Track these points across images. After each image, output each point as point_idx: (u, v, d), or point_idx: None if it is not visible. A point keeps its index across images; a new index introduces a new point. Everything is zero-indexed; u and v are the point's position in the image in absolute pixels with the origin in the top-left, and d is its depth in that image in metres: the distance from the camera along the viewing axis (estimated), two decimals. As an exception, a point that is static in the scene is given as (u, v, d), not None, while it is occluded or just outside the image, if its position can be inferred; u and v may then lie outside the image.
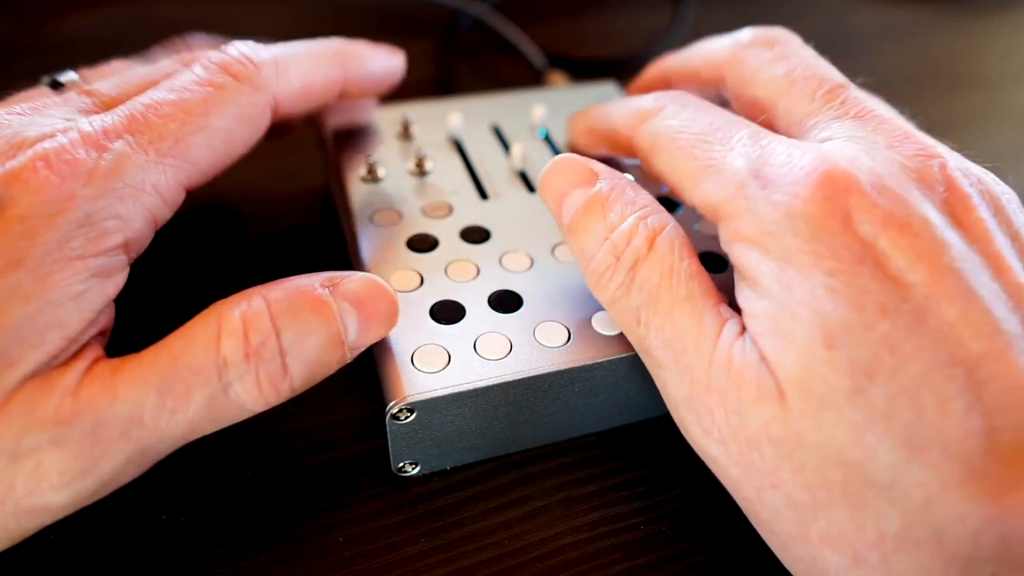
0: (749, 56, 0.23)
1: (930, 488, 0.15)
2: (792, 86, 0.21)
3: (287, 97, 0.22)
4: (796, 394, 0.16)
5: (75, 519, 0.17)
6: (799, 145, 0.18)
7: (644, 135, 0.22)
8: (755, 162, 0.18)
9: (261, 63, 0.22)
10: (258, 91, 0.21)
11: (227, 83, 0.21)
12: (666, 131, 0.21)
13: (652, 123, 0.22)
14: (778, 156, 0.18)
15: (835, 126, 0.19)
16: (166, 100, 0.20)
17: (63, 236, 0.17)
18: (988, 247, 0.17)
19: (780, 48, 0.23)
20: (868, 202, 0.16)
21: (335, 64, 0.24)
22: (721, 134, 0.20)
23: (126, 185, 0.18)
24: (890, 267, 0.16)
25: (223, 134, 0.21)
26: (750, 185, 0.18)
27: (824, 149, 0.18)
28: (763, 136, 0.19)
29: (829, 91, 0.21)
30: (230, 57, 0.22)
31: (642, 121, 0.22)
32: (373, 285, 0.20)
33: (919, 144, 0.18)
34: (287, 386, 0.18)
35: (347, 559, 0.20)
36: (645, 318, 0.19)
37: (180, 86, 0.21)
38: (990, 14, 0.51)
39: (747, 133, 0.19)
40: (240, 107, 0.21)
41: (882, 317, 0.15)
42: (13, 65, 0.38)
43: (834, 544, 0.16)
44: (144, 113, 0.20)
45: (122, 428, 0.17)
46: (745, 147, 0.19)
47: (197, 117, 0.20)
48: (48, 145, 0.18)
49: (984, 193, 0.18)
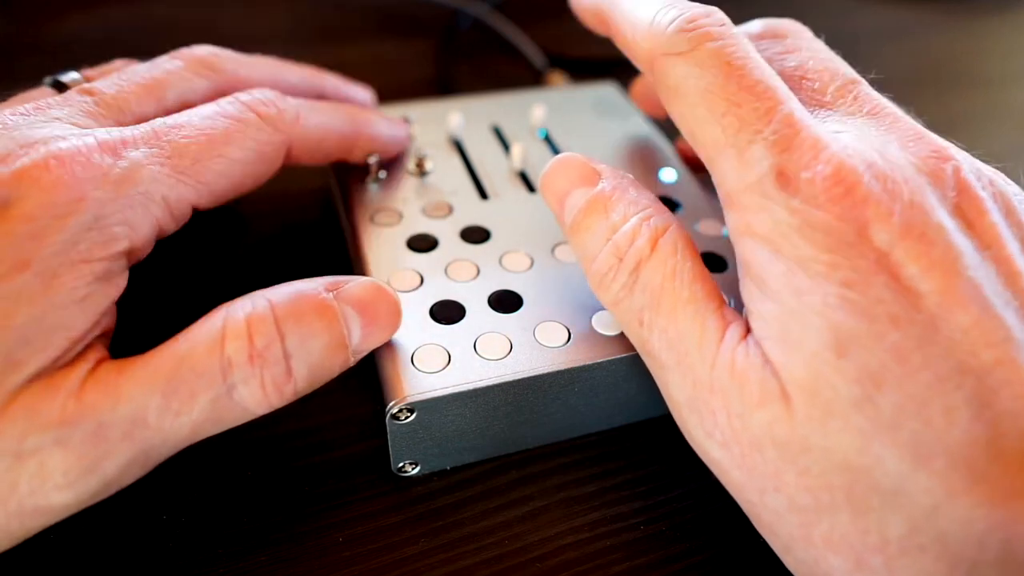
0: (759, 48, 0.22)
1: (936, 495, 0.15)
2: (804, 79, 0.20)
3: (302, 142, 0.24)
4: (802, 398, 0.16)
5: (75, 519, 0.17)
6: (824, 144, 0.17)
7: (668, 73, 0.20)
8: (780, 157, 0.17)
9: (284, 108, 0.23)
10: (277, 132, 0.23)
11: (251, 120, 0.22)
12: (696, 82, 0.19)
13: (680, 64, 0.19)
14: (803, 156, 0.17)
15: (848, 121, 0.19)
16: (191, 123, 0.21)
17: (71, 238, 0.17)
18: (1000, 252, 0.16)
19: (791, 40, 0.22)
20: (885, 212, 0.16)
21: (349, 122, 0.26)
22: (753, 107, 0.18)
23: (138, 193, 0.19)
24: (903, 276, 0.16)
25: (239, 166, 0.21)
26: (769, 183, 0.17)
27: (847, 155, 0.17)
28: (796, 124, 0.18)
29: (842, 86, 0.20)
30: (256, 99, 0.23)
31: (668, 51, 0.20)
32: (376, 289, 0.20)
33: (933, 145, 0.18)
34: (291, 389, 0.18)
35: (347, 559, 0.20)
36: (648, 319, 0.19)
37: (206, 115, 0.21)
38: (990, 14, 0.51)
39: (780, 117, 0.18)
40: (259, 144, 0.22)
41: (893, 327, 0.15)
42: (13, 65, 0.38)
43: (837, 548, 0.16)
44: (167, 131, 0.20)
45: (125, 429, 0.17)
46: (775, 134, 0.18)
47: (218, 145, 0.21)
48: (63, 145, 0.18)
49: (996, 195, 0.18)
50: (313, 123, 0.24)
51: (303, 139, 0.23)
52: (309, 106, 0.24)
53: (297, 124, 0.23)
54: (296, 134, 0.23)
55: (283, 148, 0.23)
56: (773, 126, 0.18)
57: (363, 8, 0.46)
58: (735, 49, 0.19)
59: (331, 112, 0.25)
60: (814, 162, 0.17)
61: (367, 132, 0.26)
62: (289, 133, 0.23)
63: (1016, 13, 0.51)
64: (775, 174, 0.17)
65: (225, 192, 0.21)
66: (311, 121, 0.24)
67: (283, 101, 0.23)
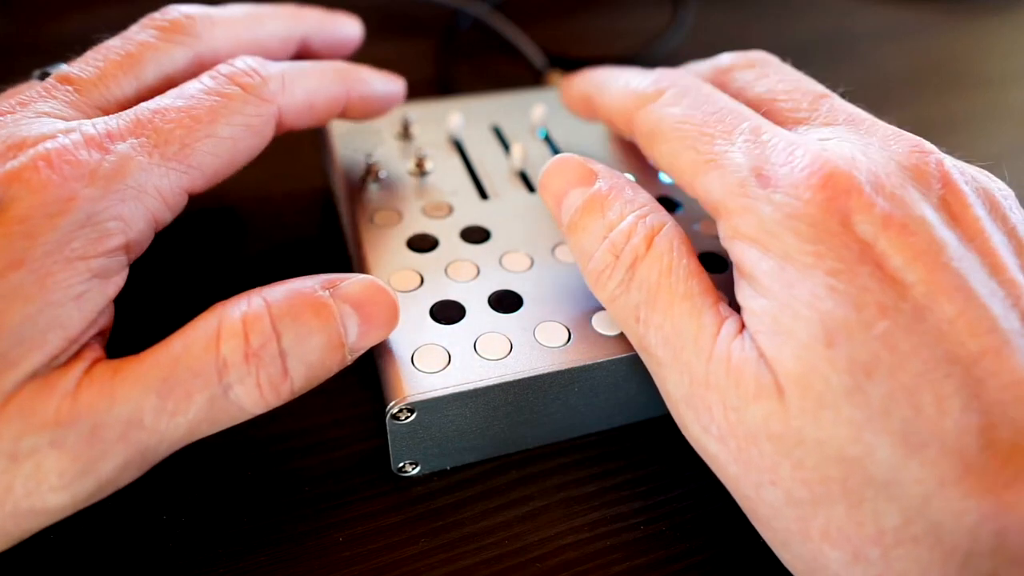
0: (731, 78, 0.23)
1: (928, 485, 0.15)
2: (775, 101, 0.21)
3: (291, 110, 0.23)
4: (795, 391, 0.16)
5: (75, 519, 0.17)
6: (800, 143, 0.18)
7: (644, 121, 0.22)
8: (756, 159, 0.18)
9: (268, 76, 0.22)
10: (264, 102, 0.22)
11: (235, 93, 0.21)
12: (667, 119, 0.21)
13: (652, 109, 0.22)
14: (779, 154, 0.18)
15: (827, 131, 0.20)
16: (173, 106, 0.20)
17: (64, 237, 0.17)
18: (984, 244, 0.17)
19: (759, 68, 0.23)
20: (867, 202, 0.17)
21: (338, 82, 0.24)
22: (723, 126, 0.20)
23: (128, 186, 0.18)
24: (889, 267, 0.16)
25: (228, 143, 0.21)
26: (751, 183, 0.18)
27: (824, 148, 0.18)
28: (764, 130, 0.19)
29: (815, 100, 0.21)
30: (238, 69, 0.22)
31: (641, 105, 0.22)
32: (373, 287, 0.20)
33: (913, 141, 0.18)
34: (287, 388, 0.18)
35: (347, 559, 0.20)
36: (644, 316, 0.19)
37: (188, 94, 0.21)
38: (990, 14, 0.51)
39: (749, 126, 0.19)
40: (246, 117, 0.21)
41: (881, 316, 0.16)
42: (13, 65, 0.38)
43: (833, 540, 0.16)
44: (150, 118, 0.20)
45: (121, 430, 0.17)
46: (747, 143, 0.19)
47: (204, 124, 0.20)
48: (50, 145, 0.18)
49: (979, 190, 0.18)
50: (300, 88, 0.23)
51: (292, 106, 0.23)
52: (295, 70, 0.23)
53: (284, 92, 0.22)
54: (284, 102, 0.22)
55: (272, 119, 0.22)
56: (744, 136, 0.19)
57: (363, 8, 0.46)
58: (698, 87, 0.22)
59: (318, 74, 0.24)
60: (791, 157, 0.18)
61: (357, 90, 0.25)
62: (276, 102, 0.22)
63: (1016, 13, 0.51)
64: (755, 174, 0.18)
65: (218, 172, 0.21)
66: (298, 87, 0.23)
67: (266, 69, 0.22)
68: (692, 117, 0.21)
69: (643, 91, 0.22)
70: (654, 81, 0.23)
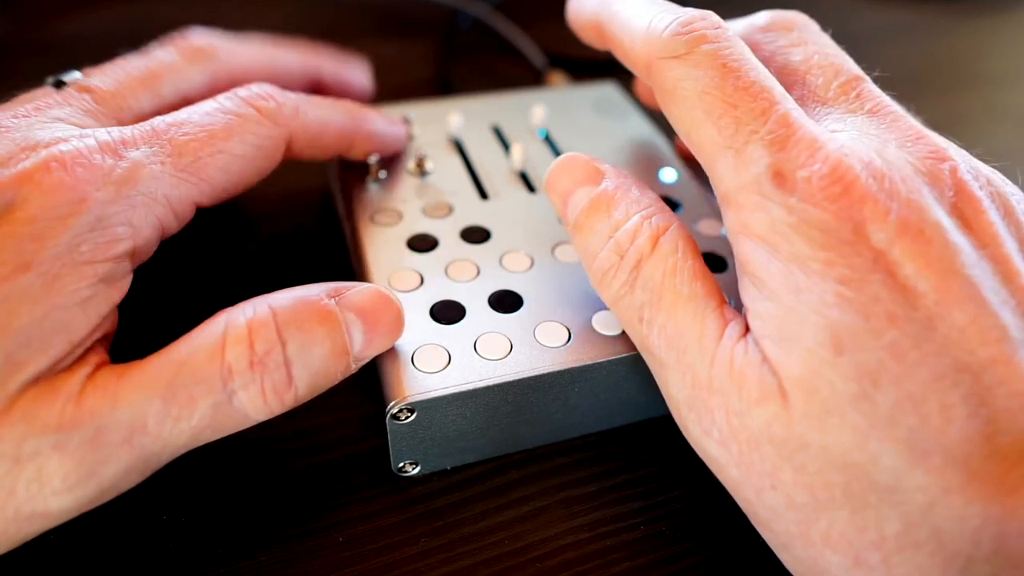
0: (764, 40, 0.22)
1: (932, 492, 0.15)
2: (808, 74, 0.20)
3: (302, 137, 0.24)
4: (800, 396, 0.16)
5: (76, 519, 0.17)
6: (823, 144, 0.17)
7: (666, 76, 0.20)
8: (777, 156, 0.17)
9: (283, 102, 0.23)
10: (277, 126, 0.22)
11: (250, 115, 0.22)
12: (693, 84, 0.19)
13: (677, 66, 0.20)
14: (801, 154, 0.17)
15: (848, 119, 0.19)
16: (190, 120, 0.21)
17: (73, 240, 0.17)
18: (997, 251, 0.17)
19: (797, 33, 0.22)
20: (882, 210, 0.16)
21: (348, 118, 0.25)
22: (752, 107, 0.18)
23: (140, 193, 0.19)
24: (900, 274, 0.16)
25: (240, 160, 0.21)
26: (766, 182, 0.17)
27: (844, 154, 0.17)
28: (791, 122, 0.18)
29: (845, 82, 0.20)
30: (255, 93, 0.23)
31: (666, 55, 0.20)
32: (379, 296, 0.20)
33: (932, 145, 0.18)
34: (291, 396, 0.18)
35: (347, 559, 0.20)
36: (648, 317, 0.19)
37: (205, 111, 0.21)
38: (990, 14, 0.51)
39: (777, 115, 0.18)
40: (259, 138, 0.22)
41: (890, 326, 0.15)
42: (15, 65, 0.38)
43: (835, 545, 0.16)
44: (166, 129, 0.20)
45: (124, 435, 0.17)
46: (771, 133, 0.18)
47: (219, 140, 0.21)
48: (64, 148, 0.18)
49: (994, 195, 0.18)
50: (312, 117, 0.24)
51: (302, 133, 0.23)
52: (308, 100, 0.24)
53: (296, 118, 0.23)
54: (295, 128, 0.23)
55: (283, 142, 0.23)
56: (769, 126, 0.18)
57: (363, 8, 0.46)
58: (731, 51, 0.19)
59: (330, 107, 0.25)
60: (811, 161, 0.17)
61: (365, 128, 0.26)
62: (288, 127, 0.23)
63: (1016, 13, 0.51)
64: (772, 173, 0.17)
65: (226, 188, 0.21)
66: (310, 115, 0.24)
67: (282, 95, 0.23)
68: (722, 88, 0.19)
69: (669, 39, 0.20)
70: (685, 27, 0.20)
